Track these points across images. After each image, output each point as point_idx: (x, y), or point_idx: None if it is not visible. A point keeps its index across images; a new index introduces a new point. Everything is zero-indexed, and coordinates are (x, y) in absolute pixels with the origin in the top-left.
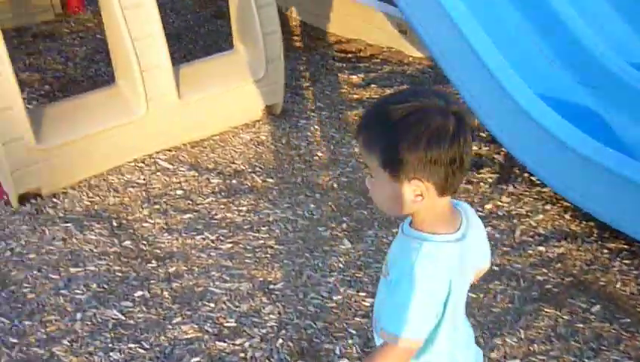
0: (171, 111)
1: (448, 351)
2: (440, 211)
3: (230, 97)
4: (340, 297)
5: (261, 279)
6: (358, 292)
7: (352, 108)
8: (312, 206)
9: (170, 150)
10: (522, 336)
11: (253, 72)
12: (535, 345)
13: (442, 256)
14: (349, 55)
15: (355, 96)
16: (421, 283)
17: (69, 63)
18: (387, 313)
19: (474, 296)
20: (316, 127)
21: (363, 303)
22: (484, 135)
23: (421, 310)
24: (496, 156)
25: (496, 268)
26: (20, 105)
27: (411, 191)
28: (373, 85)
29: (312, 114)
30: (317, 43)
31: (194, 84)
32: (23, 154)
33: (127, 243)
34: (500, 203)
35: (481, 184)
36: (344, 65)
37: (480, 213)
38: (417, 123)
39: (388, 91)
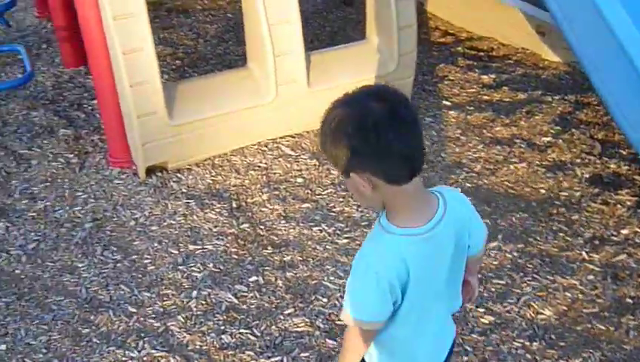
0: (299, 98)
1: (404, 339)
2: (405, 201)
3: None
4: None
5: None
6: (477, 307)
7: (481, 110)
8: None
9: (293, 136)
10: None
11: (385, 64)
12: None
13: (398, 249)
14: (481, 53)
15: (485, 97)
16: (371, 270)
17: (200, 40)
18: (346, 294)
19: (602, 327)
20: (442, 126)
21: (481, 319)
22: (624, 152)
23: (366, 295)
24: (637, 177)
25: (629, 301)
26: (157, 80)
27: (358, 183)
28: (504, 87)
29: (439, 112)
30: (447, 38)
31: (324, 72)
32: (155, 128)
33: (245, 226)
34: (638, 229)
35: (619, 206)
36: (475, 63)
37: (614, 238)
38: (341, 120)
39: (520, 95)
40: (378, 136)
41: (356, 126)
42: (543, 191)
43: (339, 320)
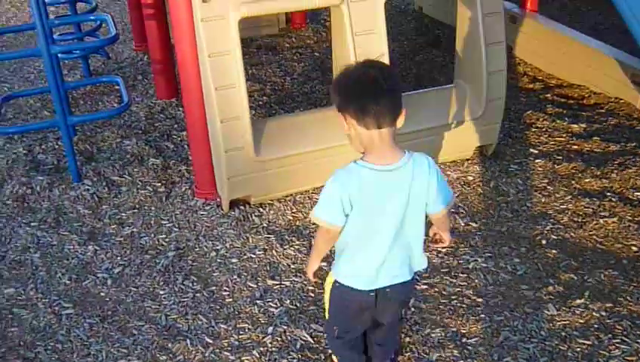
0: None
1: (351, 247)
2: (372, 145)
3: (444, 133)
4: None
5: (454, 329)
6: None
7: (570, 160)
8: (517, 260)
9: None
10: None
11: (472, 110)
12: None
13: (356, 174)
14: (571, 101)
15: (575, 146)
16: (334, 184)
17: (287, 78)
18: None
19: None
20: (528, 174)
21: None
22: None
23: (327, 200)
24: None
25: None
26: (247, 117)
27: (342, 120)
28: (595, 137)
29: (525, 160)
30: (536, 84)
31: (410, 115)
32: (241, 163)
33: (323, 264)
34: None
35: None
36: (564, 111)
37: None
38: (340, 79)
39: (612, 146)
40: (355, 91)
41: (344, 81)
42: (634, 248)
43: None
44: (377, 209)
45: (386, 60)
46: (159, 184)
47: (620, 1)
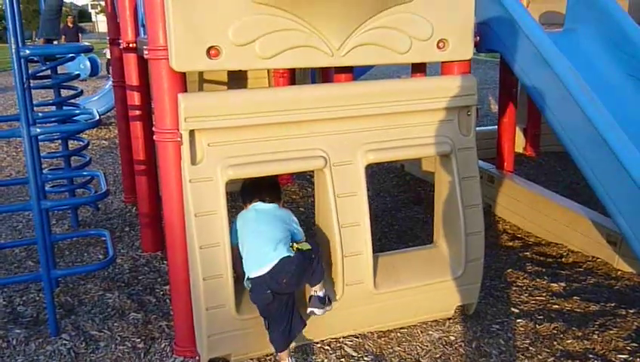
0: (365, 299)
1: (247, 264)
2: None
3: (424, 292)
4: None
5: None
6: None
7: (551, 320)
8: None
9: (357, 336)
10: None
11: (452, 269)
12: None
13: (241, 215)
14: (549, 260)
15: (555, 306)
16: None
17: None
18: None
19: None
20: (510, 335)
21: None
22: None
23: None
24: None
25: None
26: (229, 275)
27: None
28: (575, 297)
29: (506, 319)
30: (515, 242)
31: (391, 275)
32: (222, 321)
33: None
34: None
35: None
36: (543, 269)
37: None
38: (242, 187)
39: (592, 306)
40: (249, 192)
41: (245, 188)
42: None
43: None
44: (253, 229)
45: (367, 221)
46: (138, 340)
47: (584, 167)
